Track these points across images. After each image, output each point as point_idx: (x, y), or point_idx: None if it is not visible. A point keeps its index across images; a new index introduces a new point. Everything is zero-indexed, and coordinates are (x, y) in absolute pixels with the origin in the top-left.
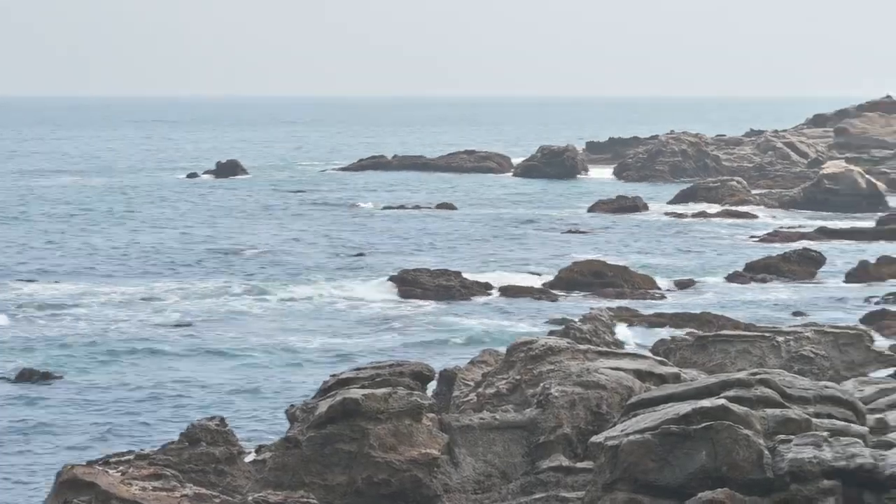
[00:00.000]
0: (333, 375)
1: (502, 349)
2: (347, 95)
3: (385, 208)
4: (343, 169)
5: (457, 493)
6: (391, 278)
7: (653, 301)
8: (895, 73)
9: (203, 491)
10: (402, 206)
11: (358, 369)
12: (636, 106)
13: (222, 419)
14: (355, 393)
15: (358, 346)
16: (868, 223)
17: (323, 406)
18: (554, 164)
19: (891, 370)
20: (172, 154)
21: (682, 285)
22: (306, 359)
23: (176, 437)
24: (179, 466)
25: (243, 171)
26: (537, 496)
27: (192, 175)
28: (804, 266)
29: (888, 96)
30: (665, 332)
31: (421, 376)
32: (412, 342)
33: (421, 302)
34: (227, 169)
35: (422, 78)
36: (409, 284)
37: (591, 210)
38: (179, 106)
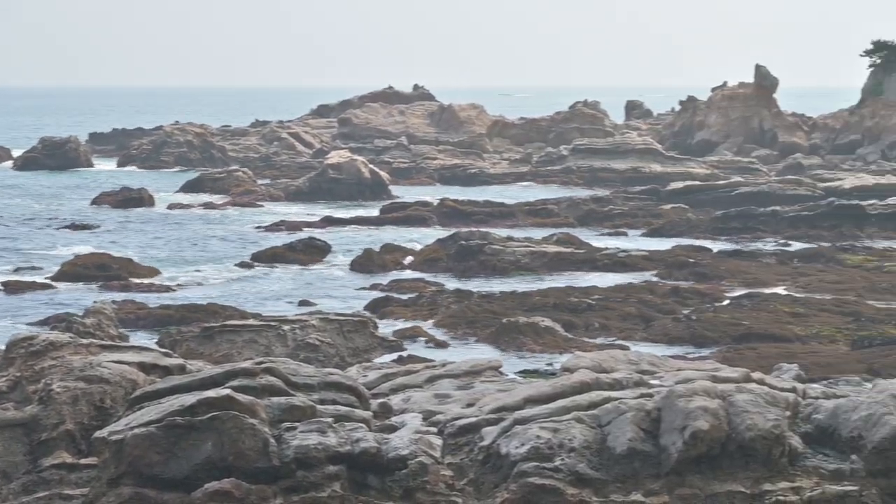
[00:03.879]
0: None
1: (1, 346)
2: None
3: None
4: None
5: None
6: None
7: (159, 293)
8: (397, 65)
9: None
10: None
11: None
12: (131, 95)
13: None
14: None
15: None
16: (372, 212)
17: None
18: (56, 156)
19: (394, 355)
20: None
21: (189, 277)
22: None
23: None
24: None
25: None
26: (40, 495)
27: None
28: (310, 255)
29: (390, 87)
30: (171, 324)
31: None
32: None
33: None
34: None
35: None
36: None
37: (94, 202)
38: None
